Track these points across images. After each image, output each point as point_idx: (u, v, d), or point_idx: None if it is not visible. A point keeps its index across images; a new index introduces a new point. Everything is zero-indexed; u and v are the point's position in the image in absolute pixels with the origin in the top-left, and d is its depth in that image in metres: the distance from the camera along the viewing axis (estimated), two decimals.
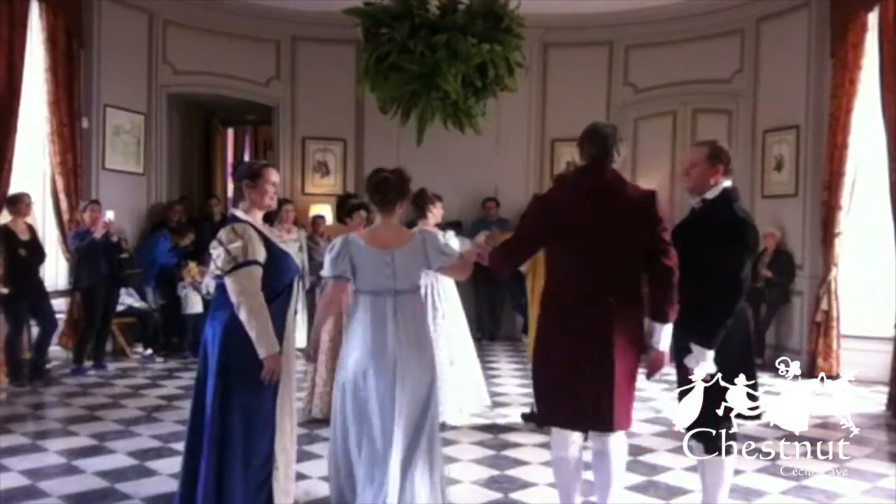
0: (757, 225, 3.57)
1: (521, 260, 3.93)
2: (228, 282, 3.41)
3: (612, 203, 3.42)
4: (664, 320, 3.44)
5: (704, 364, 3.35)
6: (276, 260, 3.55)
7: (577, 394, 3.38)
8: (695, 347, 3.38)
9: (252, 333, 3.39)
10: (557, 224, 3.46)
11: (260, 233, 3.55)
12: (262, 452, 3.52)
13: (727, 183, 3.54)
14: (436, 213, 5.79)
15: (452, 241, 5.24)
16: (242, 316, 3.38)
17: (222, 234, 3.49)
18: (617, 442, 3.51)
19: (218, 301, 3.57)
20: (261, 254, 3.46)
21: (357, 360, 3.61)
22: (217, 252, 3.46)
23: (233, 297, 3.39)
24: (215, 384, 3.46)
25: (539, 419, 4.09)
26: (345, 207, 5.95)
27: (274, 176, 3.65)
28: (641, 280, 3.52)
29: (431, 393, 3.67)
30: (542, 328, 3.60)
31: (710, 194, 3.52)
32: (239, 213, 3.60)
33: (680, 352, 3.52)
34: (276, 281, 3.54)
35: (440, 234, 5.07)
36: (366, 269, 3.62)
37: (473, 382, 5.92)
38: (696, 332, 3.39)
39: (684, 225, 3.68)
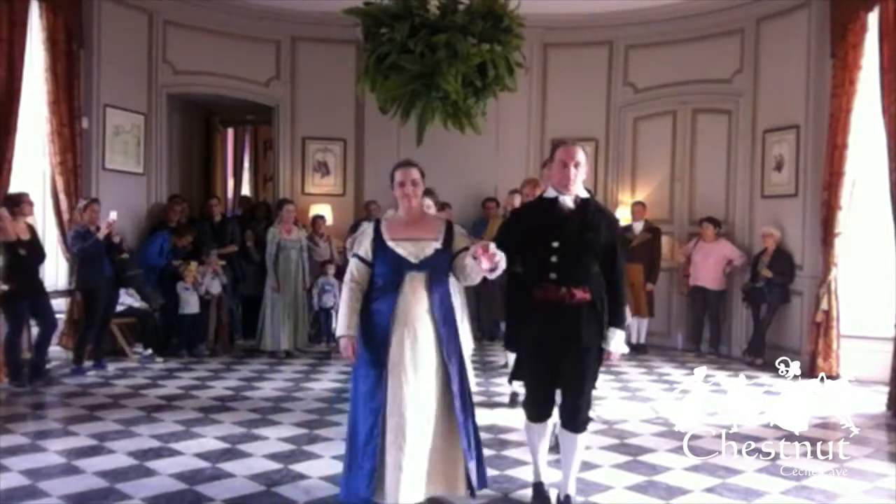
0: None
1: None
2: None
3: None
4: None
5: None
6: (380, 258, 3.84)
7: None
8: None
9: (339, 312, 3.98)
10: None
11: (377, 231, 3.86)
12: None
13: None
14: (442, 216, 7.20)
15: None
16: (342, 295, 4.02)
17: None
18: None
19: None
20: (363, 249, 3.89)
21: None
22: None
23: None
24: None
25: None
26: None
27: (399, 175, 3.91)
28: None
29: None
30: None
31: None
32: (389, 212, 4.13)
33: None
34: (379, 277, 3.86)
35: None
36: None
37: None
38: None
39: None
